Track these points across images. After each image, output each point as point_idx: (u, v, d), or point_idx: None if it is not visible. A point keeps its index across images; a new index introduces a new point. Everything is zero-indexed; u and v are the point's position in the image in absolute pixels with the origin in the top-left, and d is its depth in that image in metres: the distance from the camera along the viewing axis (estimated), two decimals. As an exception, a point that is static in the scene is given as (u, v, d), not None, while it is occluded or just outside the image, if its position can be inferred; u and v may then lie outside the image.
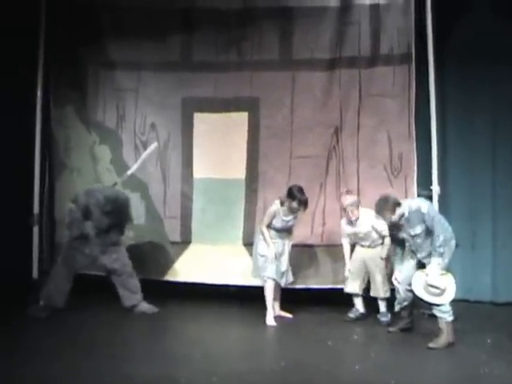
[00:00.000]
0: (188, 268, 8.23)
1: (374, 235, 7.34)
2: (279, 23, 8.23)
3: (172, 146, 8.43)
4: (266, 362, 5.84)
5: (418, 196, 7.77)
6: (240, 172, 8.24)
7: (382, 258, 7.30)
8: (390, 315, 7.24)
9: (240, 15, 8.33)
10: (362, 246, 7.44)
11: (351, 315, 7.42)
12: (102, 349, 6.08)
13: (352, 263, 7.46)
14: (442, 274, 6.40)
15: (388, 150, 8.03)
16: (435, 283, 6.35)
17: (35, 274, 8.39)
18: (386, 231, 7.17)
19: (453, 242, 6.51)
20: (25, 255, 8.37)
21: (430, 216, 6.49)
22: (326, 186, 8.12)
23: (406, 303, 6.81)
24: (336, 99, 8.17)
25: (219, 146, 8.29)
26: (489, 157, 8.29)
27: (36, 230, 8.47)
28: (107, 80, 8.51)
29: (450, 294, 6.40)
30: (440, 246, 6.39)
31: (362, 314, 7.44)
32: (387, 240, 7.23)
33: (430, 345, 6.28)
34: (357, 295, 7.45)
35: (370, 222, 7.27)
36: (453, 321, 6.39)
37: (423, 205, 6.58)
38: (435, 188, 7.90)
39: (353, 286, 7.42)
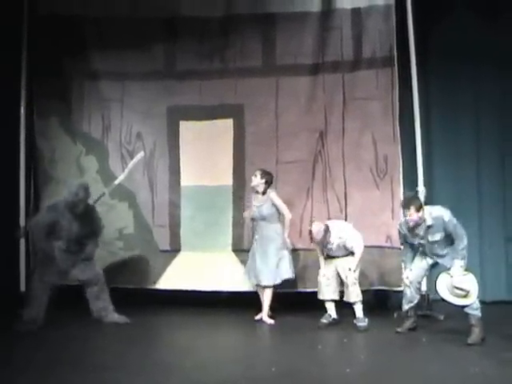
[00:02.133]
0: (178, 276, 8.22)
1: (343, 250, 7.26)
2: (262, 30, 8.29)
3: (158, 154, 8.44)
4: (257, 368, 5.82)
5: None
6: (227, 179, 8.26)
7: (350, 269, 7.18)
8: (367, 320, 7.15)
9: (222, 23, 8.38)
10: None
11: (324, 321, 7.32)
12: (92, 360, 6.04)
13: (326, 269, 7.37)
14: (464, 275, 6.51)
15: (373, 152, 8.07)
16: (462, 286, 6.47)
17: (22, 286, 8.35)
18: (355, 247, 7.17)
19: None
20: (11, 268, 8.33)
21: (452, 223, 6.58)
22: (313, 191, 8.16)
23: (416, 301, 6.93)
24: (320, 104, 8.21)
25: (205, 154, 8.31)
26: (473, 156, 8.36)
27: (23, 242, 8.43)
28: (92, 90, 8.51)
29: (475, 294, 6.49)
30: (463, 249, 6.54)
31: (334, 319, 7.34)
32: (357, 254, 7.19)
33: (469, 341, 6.37)
34: (330, 301, 7.33)
35: (338, 238, 7.22)
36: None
37: (445, 213, 6.62)
38: (421, 189, 7.95)
39: (328, 293, 7.31)
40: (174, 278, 8.22)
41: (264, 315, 7.55)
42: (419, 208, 6.63)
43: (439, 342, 6.54)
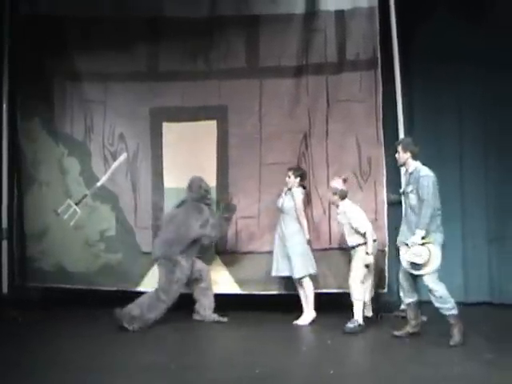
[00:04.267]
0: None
1: (348, 229, 7.23)
2: (245, 31, 8.29)
3: (141, 156, 8.41)
4: (241, 370, 5.81)
5: (388, 200, 7.83)
6: (210, 180, 8.20)
7: (366, 266, 7.16)
8: (356, 323, 7.03)
9: (206, 24, 8.36)
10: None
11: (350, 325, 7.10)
12: (77, 362, 6.01)
13: None
14: (421, 244, 6.43)
15: (357, 154, 8.09)
16: (413, 260, 6.44)
17: (5, 288, 8.31)
18: (361, 227, 7.14)
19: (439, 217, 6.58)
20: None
21: (423, 182, 6.54)
22: (297, 192, 8.14)
23: (408, 302, 6.77)
24: (304, 106, 8.22)
25: (189, 155, 8.27)
26: (456, 157, 8.40)
27: (5, 244, 8.38)
28: (74, 92, 8.47)
29: (432, 264, 6.42)
30: (425, 217, 6.45)
31: (360, 325, 7.11)
32: (368, 237, 7.11)
33: (452, 343, 6.36)
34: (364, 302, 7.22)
35: (347, 215, 7.24)
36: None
37: (423, 169, 6.67)
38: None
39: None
40: (157, 280, 8.16)
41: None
42: (405, 149, 6.77)
43: (422, 344, 6.56)
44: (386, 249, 7.74)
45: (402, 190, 6.99)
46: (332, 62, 8.19)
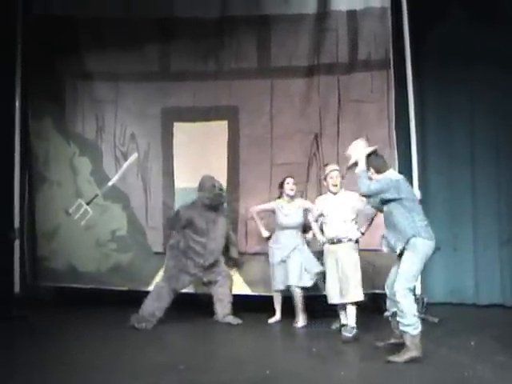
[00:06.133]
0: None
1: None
2: (257, 31, 8.30)
3: (152, 156, 8.43)
4: (252, 371, 5.80)
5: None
6: (221, 181, 8.19)
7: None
8: (355, 331, 6.82)
9: (218, 24, 8.38)
10: (333, 242, 7.01)
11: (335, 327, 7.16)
12: (87, 361, 6.02)
13: (326, 267, 7.12)
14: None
15: (368, 155, 8.05)
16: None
17: (17, 288, 8.33)
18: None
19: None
20: (6, 269, 8.27)
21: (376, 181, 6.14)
22: (308, 193, 8.12)
23: (394, 310, 6.21)
24: (315, 106, 8.21)
25: (199, 155, 8.28)
26: (468, 159, 8.36)
27: (17, 243, 8.41)
28: (85, 91, 8.50)
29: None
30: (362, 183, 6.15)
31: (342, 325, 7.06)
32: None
33: (390, 358, 5.91)
34: (339, 305, 7.01)
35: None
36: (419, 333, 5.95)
37: (391, 174, 6.27)
38: (416, 192, 7.91)
39: (332, 295, 6.99)
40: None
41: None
42: (376, 171, 6.30)
43: (433, 345, 6.51)
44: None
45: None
46: (343, 62, 8.18)
